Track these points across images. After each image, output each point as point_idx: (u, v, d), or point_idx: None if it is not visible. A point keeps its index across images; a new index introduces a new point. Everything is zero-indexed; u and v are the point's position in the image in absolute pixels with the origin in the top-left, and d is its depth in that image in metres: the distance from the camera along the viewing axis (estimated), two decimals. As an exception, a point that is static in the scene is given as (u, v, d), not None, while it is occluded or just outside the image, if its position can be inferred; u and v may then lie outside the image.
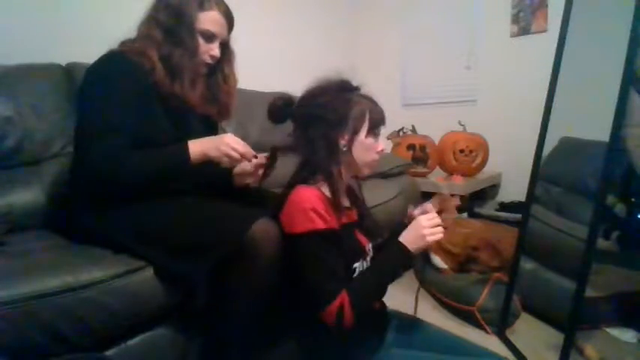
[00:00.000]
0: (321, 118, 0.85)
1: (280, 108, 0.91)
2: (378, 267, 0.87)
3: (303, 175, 0.90)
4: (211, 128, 1.22)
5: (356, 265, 0.87)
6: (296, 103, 0.91)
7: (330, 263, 0.80)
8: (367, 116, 0.88)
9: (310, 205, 0.81)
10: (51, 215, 1.16)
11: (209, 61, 1.08)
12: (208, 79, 1.12)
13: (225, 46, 1.13)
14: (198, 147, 0.96)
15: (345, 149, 0.87)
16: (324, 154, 0.85)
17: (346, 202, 0.93)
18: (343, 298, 0.78)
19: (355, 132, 0.87)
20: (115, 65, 0.99)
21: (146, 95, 0.99)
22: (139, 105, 0.98)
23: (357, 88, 0.91)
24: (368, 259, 0.92)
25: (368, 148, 0.89)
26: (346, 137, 0.86)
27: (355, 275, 0.86)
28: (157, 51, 1.01)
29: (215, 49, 1.08)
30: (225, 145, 0.95)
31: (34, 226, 1.15)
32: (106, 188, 0.94)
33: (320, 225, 0.80)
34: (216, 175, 1.11)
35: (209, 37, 1.06)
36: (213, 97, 1.14)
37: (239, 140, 0.97)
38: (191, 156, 0.95)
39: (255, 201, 1.12)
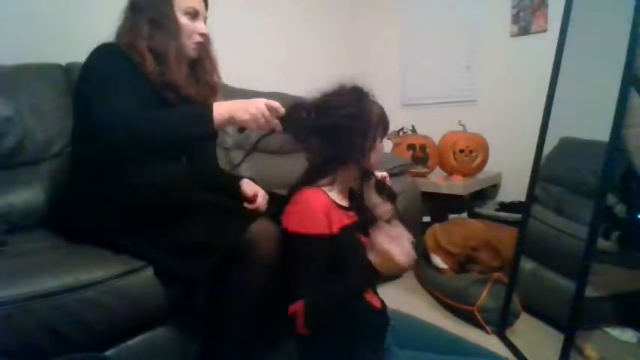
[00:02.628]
0: (348, 128, 0.87)
1: (300, 118, 0.90)
2: (346, 285, 0.81)
3: (310, 178, 0.91)
4: None
5: None
6: (314, 113, 0.90)
7: (312, 270, 0.81)
8: (381, 123, 0.92)
9: (311, 208, 0.83)
10: (51, 215, 1.16)
11: (200, 39, 1.08)
12: (196, 66, 1.12)
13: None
14: (225, 107, 0.89)
15: (365, 155, 0.89)
16: (342, 160, 0.88)
17: (346, 203, 0.94)
18: (298, 306, 0.79)
19: (375, 139, 0.91)
20: (109, 54, 1.00)
21: (140, 84, 1.00)
22: (133, 88, 0.98)
23: (369, 94, 0.92)
24: None
25: (379, 152, 0.94)
26: (368, 145, 0.89)
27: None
28: (144, 42, 1.01)
29: (202, 27, 1.07)
30: (256, 108, 0.88)
31: (34, 226, 1.15)
32: (115, 152, 0.90)
33: (317, 230, 0.81)
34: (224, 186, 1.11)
35: (193, 14, 1.06)
36: (200, 78, 1.13)
37: (272, 104, 0.89)
38: (216, 116, 0.89)
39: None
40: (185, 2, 1.04)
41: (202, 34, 1.07)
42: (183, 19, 1.05)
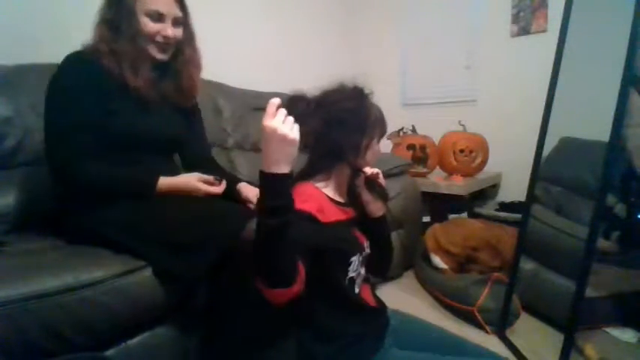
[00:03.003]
0: (344, 122, 0.86)
1: (299, 110, 0.90)
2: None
3: (306, 174, 0.91)
4: (186, 115, 1.22)
5: (353, 258, 0.87)
6: (314, 105, 0.91)
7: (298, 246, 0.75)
8: (379, 125, 0.92)
9: (304, 192, 0.83)
10: (50, 215, 1.16)
11: (161, 40, 1.06)
12: (170, 63, 1.12)
13: (183, 27, 1.11)
14: (166, 184, 1.01)
15: (361, 153, 0.89)
16: (338, 156, 0.88)
17: (343, 200, 0.94)
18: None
19: (372, 138, 0.91)
20: (72, 69, 1.01)
21: (106, 91, 1.01)
22: (100, 102, 0.99)
23: (370, 95, 0.92)
24: (364, 254, 0.92)
25: (376, 153, 0.93)
26: (364, 142, 0.89)
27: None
28: (106, 45, 1.02)
29: (167, 29, 1.06)
30: (194, 188, 1.03)
31: (34, 226, 1.15)
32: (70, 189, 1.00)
33: (302, 206, 0.79)
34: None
35: (156, 17, 1.04)
36: (174, 81, 1.14)
37: (207, 179, 1.05)
38: (159, 188, 1.00)
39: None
40: (147, 5, 1.03)
41: (165, 37, 1.06)
42: (145, 21, 1.04)
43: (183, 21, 1.11)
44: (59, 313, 0.78)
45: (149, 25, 1.04)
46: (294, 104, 0.91)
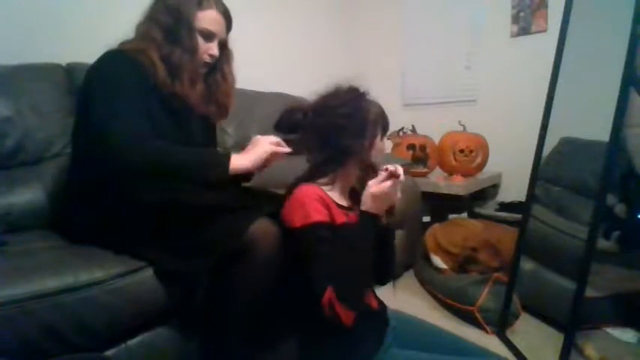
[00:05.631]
0: (344, 128, 0.87)
1: (296, 120, 0.91)
2: (349, 247, 0.82)
3: (310, 177, 0.91)
4: (209, 129, 1.22)
5: None
6: (311, 114, 0.91)
7: (325, 257, 0.80)
8: (380, 122, 0.92)
9: (308, 199, 0.83)
10: (51, 215, 1.16)
11: (208, 60, 1.09)
12: (207, 79, 1.13)
13: (223, 46, 1.13)
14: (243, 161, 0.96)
15: (364, 154, 0.89)
16: (341, 160, 0.88)
17: (346, 203, 0.94)
18: (329, 293, 0.77)
19: (374, 137, 0.91)
20: (117, 63, 0.99)
21: (147, 93, 0.99)
22: (141, 102, 0.98)
23: (366, 94, 0.92)
24: None
25: (380, 151, 0.94)
26: (367, 143, 0.89)
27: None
28: (157, 51, 1.01)
29: (214, 49, 1.08)
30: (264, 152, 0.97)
31: (34, 226, 1.15)
32: (115, 176, 0.89)
33: (316, 218, 0.81)
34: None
35: (208, 36, 1.06)
36: (212, 96, 1.14)
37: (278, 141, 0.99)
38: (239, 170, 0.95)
39: (255, 201, 1.12)
40: (203, 23, 1.04)
41: (211, 55, 1.08)
42: (198, 38, 1.05)
43: (225, 42, 1.13)
44: (59, 313, 0.78)
45: (200, 44, 1.06)
46: (291, 115, 0.91)
